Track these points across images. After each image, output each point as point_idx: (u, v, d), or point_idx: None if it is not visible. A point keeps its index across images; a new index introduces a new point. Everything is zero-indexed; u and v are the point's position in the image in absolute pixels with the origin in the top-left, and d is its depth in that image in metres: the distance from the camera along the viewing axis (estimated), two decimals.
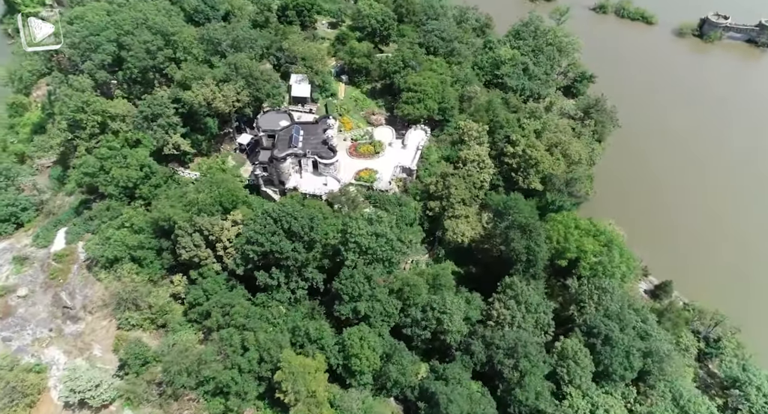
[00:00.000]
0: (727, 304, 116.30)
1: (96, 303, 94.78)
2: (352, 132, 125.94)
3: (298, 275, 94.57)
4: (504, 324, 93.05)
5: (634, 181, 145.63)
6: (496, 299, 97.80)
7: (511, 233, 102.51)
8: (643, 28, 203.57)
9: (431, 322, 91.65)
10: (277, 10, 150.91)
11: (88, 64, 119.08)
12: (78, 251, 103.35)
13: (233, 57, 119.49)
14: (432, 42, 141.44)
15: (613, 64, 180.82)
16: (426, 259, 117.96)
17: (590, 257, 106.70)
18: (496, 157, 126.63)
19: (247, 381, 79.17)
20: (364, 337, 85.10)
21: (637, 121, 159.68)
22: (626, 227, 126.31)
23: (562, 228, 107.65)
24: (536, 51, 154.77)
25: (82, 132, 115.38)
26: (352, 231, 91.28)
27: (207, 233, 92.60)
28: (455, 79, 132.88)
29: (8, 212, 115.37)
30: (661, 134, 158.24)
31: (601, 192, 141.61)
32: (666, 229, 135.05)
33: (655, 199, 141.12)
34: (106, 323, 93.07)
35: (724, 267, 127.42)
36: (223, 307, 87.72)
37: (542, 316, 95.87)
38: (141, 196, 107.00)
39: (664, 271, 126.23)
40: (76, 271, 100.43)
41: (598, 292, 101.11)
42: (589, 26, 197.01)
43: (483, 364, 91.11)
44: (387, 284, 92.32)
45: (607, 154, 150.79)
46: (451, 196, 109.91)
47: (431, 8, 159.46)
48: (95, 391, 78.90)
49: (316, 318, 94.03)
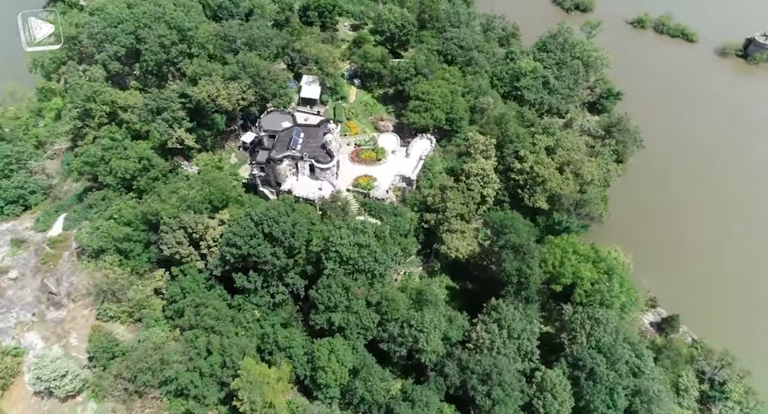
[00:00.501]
0: (741, 345, 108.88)
1: (80, 291, 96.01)
2: (357, 137, 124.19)
3: (279, 280, 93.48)
4: (483, 348, 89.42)
5: (652, 205, 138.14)
6: (480, 321, 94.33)
7: (504, 253, 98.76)
8: (682, 45, 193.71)
9: (407, 340, 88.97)
10: (298, 10, 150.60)
11: (102, 55, 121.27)
12: (72, 238, 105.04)
13: (241, 55, 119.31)
14: (450, 50, 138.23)
15: (646, 81, 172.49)
16: (420, 271, 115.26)
17: (587, 284, 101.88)
18: (504, 172, 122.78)
19: (208, 385, 78.41)
20: (334, 350, 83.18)
21: (664, 144, 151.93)
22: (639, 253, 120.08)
23: (559, 252, 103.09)
24: (560, 64, 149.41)
25: (91, 121, 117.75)
26: (333, 239, 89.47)
27: (191, 231, 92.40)
28: (468, 90, 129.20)
29: (16, 194, 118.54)
30: (688, 160, 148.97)
31: (616, 214, 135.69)
32: (681, 258, 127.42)
33: (673, 227, 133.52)
34: (86, 312, 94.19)
35: (741, 305, 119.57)
36: (197, 307, 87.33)
37: (525, 343, 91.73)
38: (138, 188, 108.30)
39: (674, 303, 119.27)
40: (67, 257, 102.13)
41: (591, 321, 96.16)
42: (624, 41, 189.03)
43: (457, 387, 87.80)
44: (365, 296, 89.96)
45: (628, 175, 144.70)
46: (447, 210, 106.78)
47: (456, 15, 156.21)
48: (60, 381, 79.57)
49: (292, 325, 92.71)
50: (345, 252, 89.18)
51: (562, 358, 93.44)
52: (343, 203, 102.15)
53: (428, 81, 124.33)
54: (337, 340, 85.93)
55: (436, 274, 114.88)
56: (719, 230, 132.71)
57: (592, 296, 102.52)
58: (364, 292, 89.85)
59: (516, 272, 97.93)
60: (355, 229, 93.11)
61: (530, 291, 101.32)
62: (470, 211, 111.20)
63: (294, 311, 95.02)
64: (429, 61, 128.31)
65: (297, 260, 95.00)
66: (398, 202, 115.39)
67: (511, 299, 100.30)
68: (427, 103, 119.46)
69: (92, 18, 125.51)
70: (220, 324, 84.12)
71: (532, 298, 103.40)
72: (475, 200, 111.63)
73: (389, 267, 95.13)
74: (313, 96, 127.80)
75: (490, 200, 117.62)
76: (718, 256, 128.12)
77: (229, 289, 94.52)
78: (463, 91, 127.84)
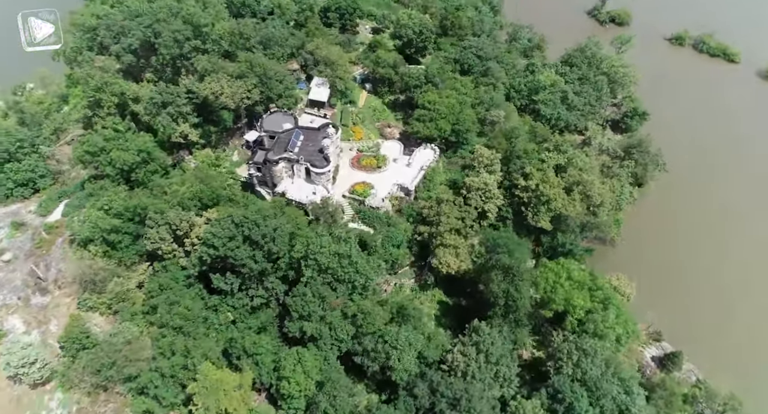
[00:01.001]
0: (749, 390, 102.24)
1: (67, 279, 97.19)
2: (360, 142, 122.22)
3: (259, 283, 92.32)
4: (457, 371, 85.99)
5: (669, 234, 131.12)
6: (459, 342, 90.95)
7: (492, 274, 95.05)
8: (723, 65, 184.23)
9: (380, 355, 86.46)
10: (319, 11, 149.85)
11: (116, 47, 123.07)
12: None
13: (249, 54, 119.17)
14: (467, 59, 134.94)
15: (680, 102, 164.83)
16: (412, 284, 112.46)
17: (579, 313, 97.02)
18: (509, 188, 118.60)
19: (168, 386, 77.63)
20: (301, 360, 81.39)
21: (691, 169, 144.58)
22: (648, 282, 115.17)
23: (552, 276, 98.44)
24: (583, 79, 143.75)
25: (100, 110, 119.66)
26: (313, 247, 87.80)
27: (175, 227, 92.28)
28: (479, 101, 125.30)
29: (27, 177, 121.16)
30: (715, 190, 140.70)
31: (630, 239, 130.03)
32: (694, 292, 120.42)
33: (689, 259, 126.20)
34: (69, 301, 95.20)
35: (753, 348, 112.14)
36: (171, 305, 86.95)
37: (503, 369, 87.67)
38: (137, 181, 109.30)
39: (681, 339, 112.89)
40: (60, 244, 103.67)
41: (579, 352, 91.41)
42: (660, 58, 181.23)
43: (426, 410, 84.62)
44: (341, 307, 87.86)
45: (647, 199, 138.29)
46: (441, 224, 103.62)
47: (480, 23, 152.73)
48: (29, 368, 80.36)
49: (268, 330, 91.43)
50: (324, 261, 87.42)
51: (543, 389, 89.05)
52: (333, 210, 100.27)
53: (438, 90, 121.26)
54: (307, 351, 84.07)
55: (428, 287, 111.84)
56: (740, 269, 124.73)
57: (585, 325, 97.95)
58: (340, 303, 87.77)
59: (503, 294, 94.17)
60: (338, 238, 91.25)
61: (519, 314, 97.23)
62: (466, 226, 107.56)
63: (272, 316, 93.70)
64: (441, 69, 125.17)
65: (279, 264, 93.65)
66: (394, 211, 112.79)
67: (499, 321, 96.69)
68: (432, 113, 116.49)
69: (112, 10, 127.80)
70: (188, 324, 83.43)
71: (522, 322, 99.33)
72: (471, 215, 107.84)
73: (371, 279, 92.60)
74: (321, 98, 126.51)
75: (492, 216, 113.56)
76: (735, 294, 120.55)
77: (211, 288, 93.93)
78: (473, 103, 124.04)
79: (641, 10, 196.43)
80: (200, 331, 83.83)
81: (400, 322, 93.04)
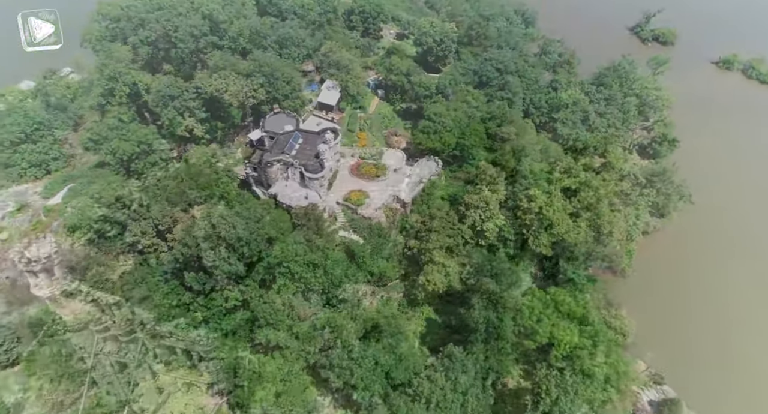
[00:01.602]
0: None
1: (53, 262, 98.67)
2: (363, 149, 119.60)
3: (236, 285, 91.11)
4: (421, 397, 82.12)
5: (686, 271, 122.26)
6: (431, 366, 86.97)
7: (474, 299, 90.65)
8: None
9: (345, 371, 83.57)
10: (342, 13, 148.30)
11: (133, 39, 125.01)
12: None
13: (259, 53, 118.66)
14: (486, 71, 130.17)
15: (720, 130, 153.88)
16: (400, 298, 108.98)
17: (564, 347, 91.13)
18: (512, 209, 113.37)
19: (121, 383, 77.29)
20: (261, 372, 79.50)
21: (720, 204, 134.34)
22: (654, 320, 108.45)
23: (539, 306, 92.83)
24: (610, 100, 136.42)
25: (113, 99, 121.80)
26: (287, 255, 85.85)
27: (157, 222, 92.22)
28: (490, 116, 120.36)
29: (40, 159, 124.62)
30: (746, 229, 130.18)
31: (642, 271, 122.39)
32: (705, 336, 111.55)
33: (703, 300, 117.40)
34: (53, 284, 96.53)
35: (764, 403, 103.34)
36: (143, 299, 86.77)
37: (471, 400, 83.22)
38: (135, 171, 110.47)
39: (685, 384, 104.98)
40: (54, 227, 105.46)
41: (558, 390, 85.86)
42: (704, 82, 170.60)
43: None
44: (310, 318, 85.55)
45: (667, 231, 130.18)
46: (430, 241, 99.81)
47: (508, 35, 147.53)
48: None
49: (238, 333, 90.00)
50: (297, 269, 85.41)
51: None
52: (318, 217, 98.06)
53: (447, 102, 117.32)
54: (272, 359, 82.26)
55: (418, 304, 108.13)
56: (754, 318, 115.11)
57: (572, 361, 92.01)
58: (309, 314, 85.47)
59: (484, 321, 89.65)
60: (316, 247, 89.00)
61: (502, 342, 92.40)
62: (458, 244, 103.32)
63: (245, 320, 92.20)
64: (453, 80, 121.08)
65: (258, 269, 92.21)
66: (387, 223, 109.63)
67: (481, 348, 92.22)
68: (437, 126, 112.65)
69: (135, 2, 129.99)
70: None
71: (505, 350, 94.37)
72: (465, 234, 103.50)
73: (346, 291, 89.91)
74: (329, 102, 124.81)
75: (491, 236, 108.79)
76: (749, 344, 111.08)
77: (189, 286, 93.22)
78: (483, 117, 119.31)
79: (688, 30, 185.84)
80: (164, 330, 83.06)
81: (377, 338, 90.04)
